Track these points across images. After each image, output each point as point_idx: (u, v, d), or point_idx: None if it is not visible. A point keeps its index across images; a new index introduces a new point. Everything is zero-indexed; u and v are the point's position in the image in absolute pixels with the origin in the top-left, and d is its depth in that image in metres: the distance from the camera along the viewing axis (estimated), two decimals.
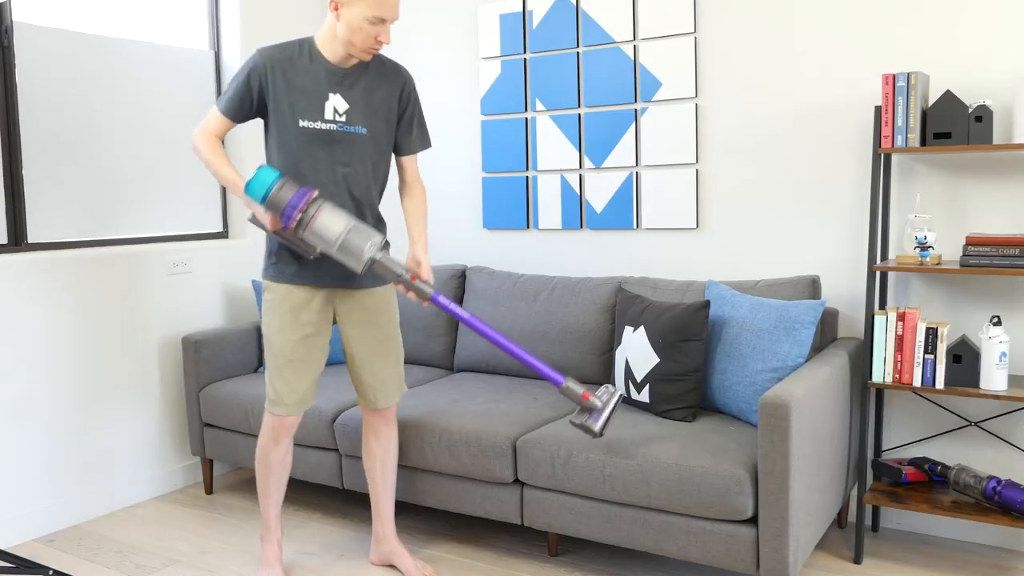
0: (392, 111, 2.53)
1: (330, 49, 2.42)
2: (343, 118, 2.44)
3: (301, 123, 2.41)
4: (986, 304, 2.83)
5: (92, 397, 3.30)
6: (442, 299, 2.37)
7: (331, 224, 2.30)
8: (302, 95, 2.41)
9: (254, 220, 2.40)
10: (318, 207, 2.30)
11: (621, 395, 2.48)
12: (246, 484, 3.66)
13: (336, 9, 2.34)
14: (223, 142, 2.53)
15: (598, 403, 2.38)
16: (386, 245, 2.35)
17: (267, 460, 2.63)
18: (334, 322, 2.61)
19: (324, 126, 2.42)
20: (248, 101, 2.43)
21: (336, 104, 2.43)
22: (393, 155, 2.62)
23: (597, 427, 2.37)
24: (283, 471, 2.67)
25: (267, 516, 2.70)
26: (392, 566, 2.79)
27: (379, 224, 2.60)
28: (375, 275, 2.57)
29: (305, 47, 2.43)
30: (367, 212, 2.53)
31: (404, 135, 2.59)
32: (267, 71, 2.40)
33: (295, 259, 2.49)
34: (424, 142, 2.63)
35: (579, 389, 2.38)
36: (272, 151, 2.48)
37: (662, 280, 3.17)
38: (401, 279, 2.36)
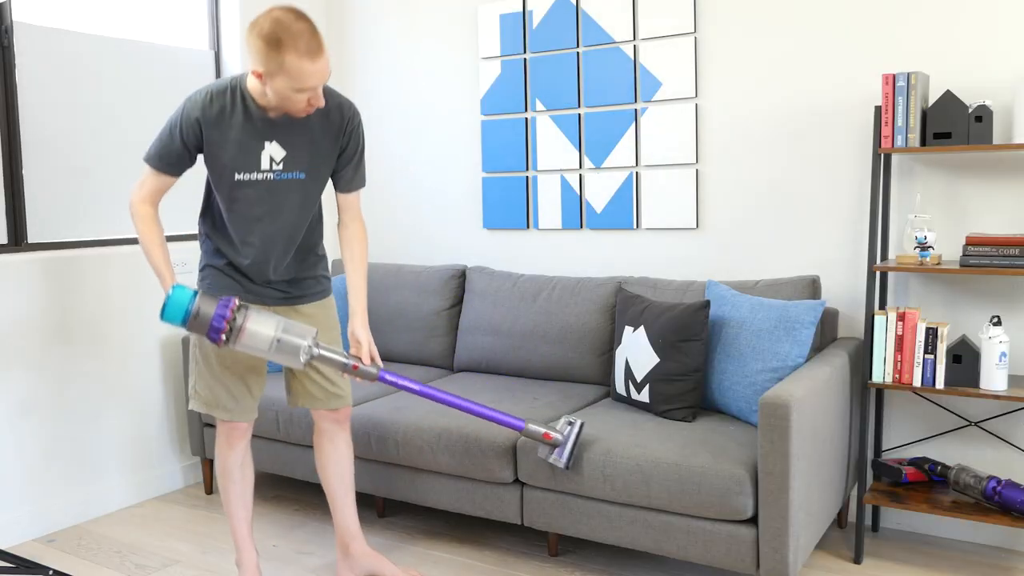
0: (332, 152, 2.39)
1: (262, 100, 2.25)
2: (280, 166, 2.31)
3: (236, 176, 2.29)
4: (986, 304, 2.83)
5: (92, 397, 3.30)
6: (388, 376, 2.33)
7: (261, 330, 2.20)
8: (236, 147, 2.27)
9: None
10: (244, 315, 2.20)
11: (582, 424, 2.52)
12: None
13: (260, 78, 2.15)
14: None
15: (560, 438, 2.49)
16: (315, 335, 2.28)
17: (224, 466, 2.53)
18: None
19: (260, 176, 2.30)
20: (184, 156, 2.30)
21: (272, 152, 2.29)
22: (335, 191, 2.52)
23: (562, 462, 2.49)
24: (244, 483, 2.55)
25: (238, 537, 2.57)
26: None
27: (320, 262, 2.54)
28: (312, 292, 2.53)
29: (237, 95, 2.26)
30: (307, 254, 2.49)
31: (343, 174, 2.45)
32: (198, 125, 2.25)
33: (229, 279, 2.43)
34: (361, 180, 2.49)
35: (540, 430, 2.48)
36: (211, 194, 2.40)
37: (662, 280, 3.17)
38: (346, 369, 2.30)
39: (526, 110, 3.63)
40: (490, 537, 3.05)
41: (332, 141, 2.38)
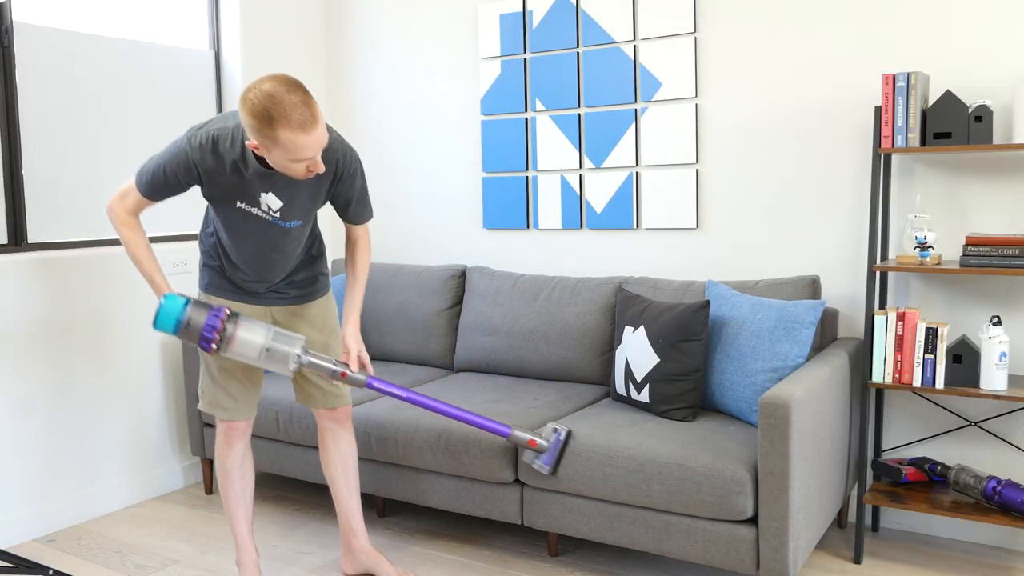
0: (323, 194, 2.38)
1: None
2: (277, 214, 2.32)
3: (237, 203, 2.29)
4: (986, 304, 2.83)
5: (92, 397, 3.30)
6: (376, 383, 2.37)
7: (251, 338, 2.24)
8: (236, 191, 2.26)
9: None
10: (235, 324, 2.23)
11: (569, 432, 2.55)
12: None
13: (256, 150, 2.11)
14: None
15: (545, 444, 2.51)
16: (304, 342, 2.31)
17: (224, 466, 2.55)
18: None
19: (259, 212, 2.31)
20: (176, 190, 2.28)
21: (270, 202, 2.29)
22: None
23: (547, 469, 2.52)
24: (244, 482, 2.57)
25: (238, 536, 2.59)
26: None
27: (318, 261, 2.56)
28: (312, 290, 2.56)
29: (238, 145, 2.20)
30: (306, 257, 2.53)
31: (348, 212, 2.45)
32: (195, 168, 2.22)
33: (228, 280, 2.46)
34: (368, 213, 2.49)
35: (525, 436, 2.50)
36: (211, 209, 2.41)
37: (662, 280, 3.17)
38: (334, 375, 2.34)
39: (526, 110, 3.63)
40: (490, 537, 3.04)
41: (324, 186, 2.37)
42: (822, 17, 3.00)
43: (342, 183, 2.37)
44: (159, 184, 2.26)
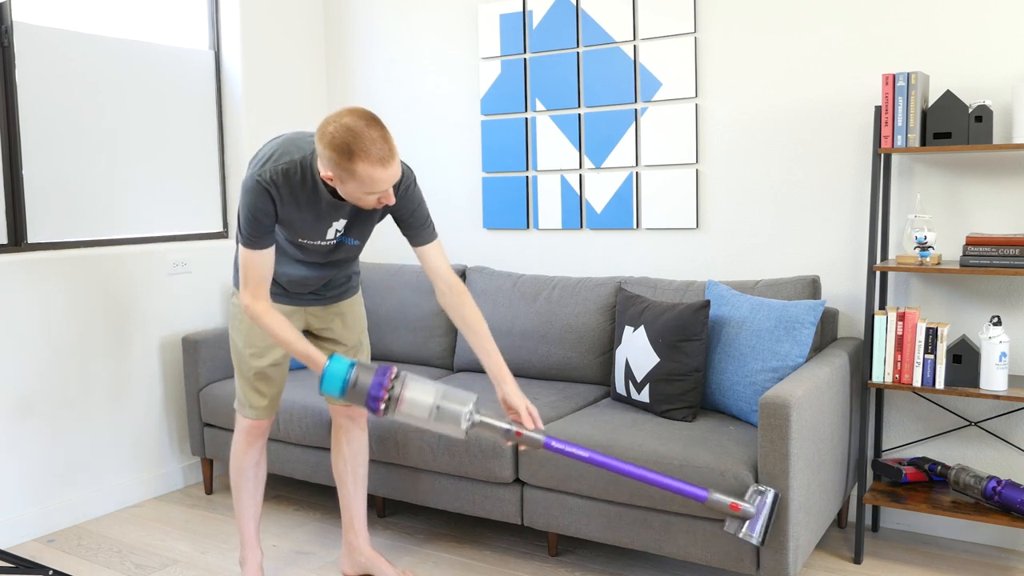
0: (378, 215, 2.40)
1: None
2: (341, 233, 2.36)
3: (301, 240, 2.32)
4: (986, 304, 2.83)
5: (92, 397, 3.30)
6: (555, 443, 2.19)
7: (420, 399, 2.14)
8: (305, 225, 2.27)
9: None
10: (402, 383, 2.14)
11: (776, 495, 2.24)
12: None
13: (331, 180, 2.12)
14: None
15: (750, 509, 2.22)
16: (475, 400, 2.20)
17: (240, 464, 2.57)
18: (304, 330, 2.60)
19: (324, 243, 2.35)
20: (271, 223, 2.23)
21: (337, 226, 2.33)
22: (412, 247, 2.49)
23: (755, 538, 2.20)
24: (257, 481, 2.59)
25: (245, 535, 2.60)
26: None
27: (354, 261, 2.57)
28: (345, 289, 2.58)
29: (308, 176, 2.20)
30: (344, 279, 2.57)
31: (414, 232, 2.40)
32: (273, 200, 2.20)
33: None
34: (432, 232, 2.42)
35: (726, 500, 2.21)
36: None
37: (662, 280, 3.17)
38: (509, 436, 2.19)
39: (526, 110, 3.63)
40: (490, 537, 3.05)
41: (382, 210, 2.38)
42: (822, 17, 3.00)
43: (404, 199, 2.34)
44: (261, 229, 2.21)
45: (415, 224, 2.38)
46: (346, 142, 2.03)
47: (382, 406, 2.11)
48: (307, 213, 2.25)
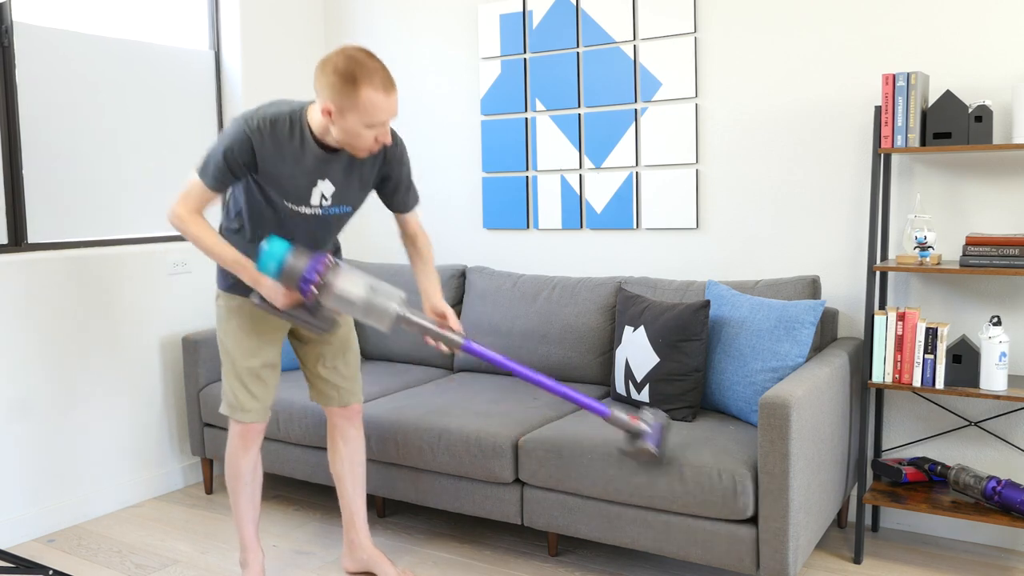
0: (373, 179, 2.43)
1: (322, 135, 2.25)
2: (328, 201, 2.35)
3: (286, 203, 2.31)
4: (986, 304, 2.83)
5: (92, 397, 3.30)
6: (474, 345, 2.32)
7: (351, 288, 2.22)
8: (289, 181, 2.27)
9: (261, 303, 2.30)
10: (335, 272, 2.22)
11: (667, 416, 2.42)
12: None
13: (329, 115, 2.15)
14: None
15: (646, 427, 2.34)
16: (403, 298, 2.29)
17: (237, 470, 2.54)
18: (291, 330, 2.61)
19: (309, 211, 2.34)
20: (236, 174, 2.26)
21: (324, 190, 2.32)
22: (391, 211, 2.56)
23: (657, 450, 2.32)
24: (255, 484, 2.58)
25: (245, 537, 2.60)
26: (371, 574, 2.74)
27: (335, 254, 2.61)
28: None
29: (296, 128, 2.24)
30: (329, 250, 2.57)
31: (396, 198, 2.48)
32: (254, 150, 2.22)
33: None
34: (415, 198, 2.52)
35: (627, 416, 2.35)
36: (240, 199, 2.38)
37: (662, 280, 3.17)
38: (430, 331, 2.30)
39: (526, 110, 3.63)
40: (490, 537, 3.05)
41: (375, 169, 2.40)
42: (822, 17, 3.00)
43: (391, 166, 2.41)
44: (222, 172, 2.23)
45: (402, 188, 2.45)
46: (350, 69, 2.09)
47: (313, 289, 2.19)
48: (292, 167, 2.25)
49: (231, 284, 2.47)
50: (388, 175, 2.42)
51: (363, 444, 2.71)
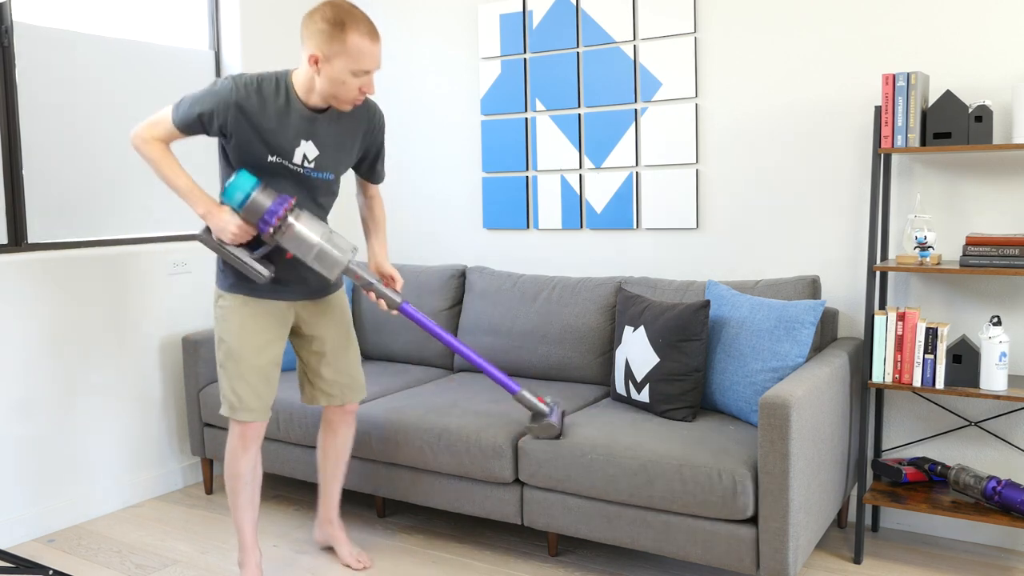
0: (357, 149, 2.51)
1: (307, 96, 2.34)
2: (311, 164, 2.41)
3: (269, 157, 2.36)
4: (986, 304, 2.83)
5: (92, 397, 3.30)
6: (410, 308, 2.50)
7: (308, 232, 2.33)
8: (272, 136, 2.34)
9: (204, 236, 2.36)
10: (296, 215, 2.33)
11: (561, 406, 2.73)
12: None
13: (316, 64, 2.25)
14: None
15: (548, 408, 2.61)
16: (355, 251, 2.43)
17: (237, 470, 2.55)
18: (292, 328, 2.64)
19: (291, 166, 2.39)
20: (207, 127, 2.33)
21: (306, 151, 2.38)
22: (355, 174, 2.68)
23: (559, 424, 2.60)
24: (255, 484, 2.60)
25: (244, 537, 2.62)
26: (331, 549, 2.92)
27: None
28: (331, 284, 2.63)
29: (282, 87, 2.33)
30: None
31: (369, 170, 2.60)
32: (234, 110, 2.29)
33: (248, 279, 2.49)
34: (383, 173, 2.66)
35: (533, 397, 2.60)
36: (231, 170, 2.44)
37: (662, 280, 3.17)
38: (372, 287, 2.46)
39: (526, 110, 3.63)
40: (490, 537, 3.05)
41: (360, 140, 2.51)
42: (822, 17, 3.00)
43: (374, 135, 2.54)
44: (192, 119, 2.32)
45: (380, 160, 2.60)
46: (338, 16, 2.21)
47: (271, 229, 2.29)
48: (276, 123, 2.33)
49: (231, 284, 2.48)
50: (372, 144, 2.55)
51: (352, 439, 2.81)
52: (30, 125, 3.16)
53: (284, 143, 2.35)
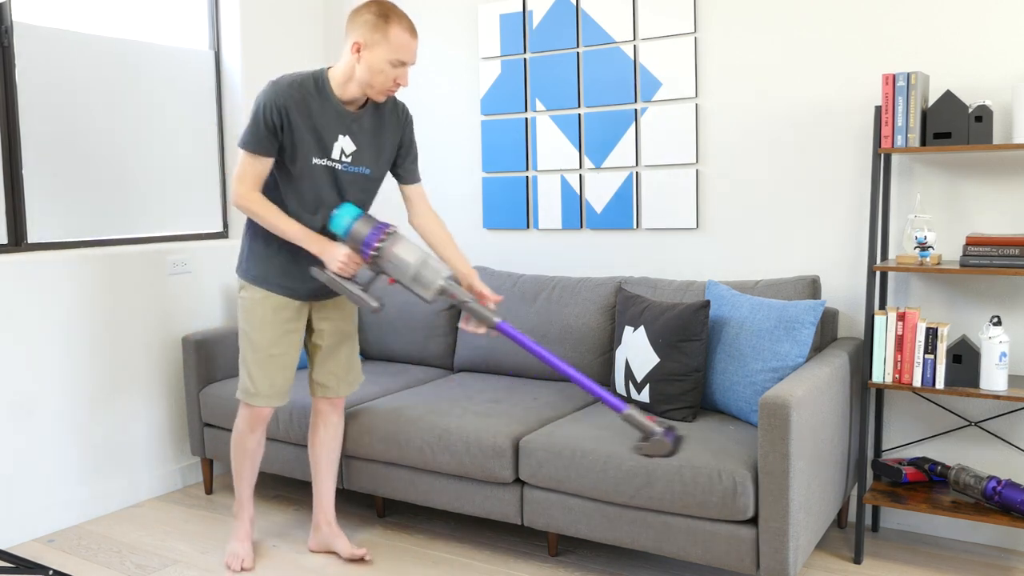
0: (394, 149, 2.64)
1: (343, 88, 2.47)
2: (348, 159, 2.53)
3: (313, 160, 2.48)
4: (986, 304, 2.83)
5: (92, 397, 3.30)
6: (507, 327, 2.51)
7: (405, 256, 2.46)
8: (313, 133, 2.46)
9: (318, 271, 2.48)
10: (394, 239, 2.46)
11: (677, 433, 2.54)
12: None
13: (358, 51, 2.40)
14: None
15: (660, 429, 2.46)
16: (451, 273, 2.52)
17: (243, 447, 2.78)
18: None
19: (330, 164, 2.51)
20: (277, 131, 2.44)
21: (344, 146, 2.52)
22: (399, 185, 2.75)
23: (672, 443, 2.45)
24: (257, 457, 2.82)
25: (241, 495, 2.85)
26: (331, 552, 2.92)
27: None
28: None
29: (320, 84, 2.47)
30: None
31: (406, 167, 2.70)
32: (285, 109, 2.42)
33: (270, 270, 2.60)
34: (418, 173, 2.76)
35: (643, 416, 2.48)
36: (278, 182, 2.53)
37: (662, 280, 3.17)
38: (468, 306, 2.50)
39: (526, 110, 3.63)
40: (490, 537, 3.05)
41: (394, 137, 2.63)
42: (822, 17, 3.00)
43: (404, 129, 2.65)
44: (262, 135, 2.43)
45: (412, 156, 2.69)
46: (383, 10, 2.40)
47: (372, 253, 2.45)
48: (316, 120, 2.45)
49: (255, 276, 2.62)
50: (403, 138, 2.65)
51: (341, 432, 2.88)
52: (30, 125, 3.16)
53: (324, 139, 2.47)
